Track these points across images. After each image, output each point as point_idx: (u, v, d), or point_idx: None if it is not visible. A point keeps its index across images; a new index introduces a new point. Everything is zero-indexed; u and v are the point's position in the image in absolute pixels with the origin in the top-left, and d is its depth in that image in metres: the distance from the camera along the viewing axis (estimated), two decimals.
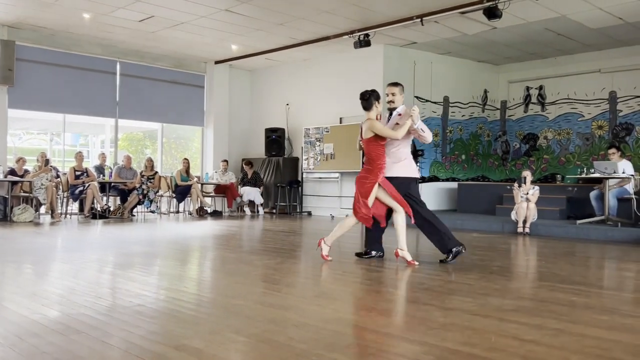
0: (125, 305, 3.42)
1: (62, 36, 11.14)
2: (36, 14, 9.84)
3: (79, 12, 9.67)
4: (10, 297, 3.60)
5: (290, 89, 13.25)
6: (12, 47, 10.52)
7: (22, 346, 2.53)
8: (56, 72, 11.33)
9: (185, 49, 12.09)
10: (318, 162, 12.21)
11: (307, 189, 12.78)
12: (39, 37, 10.94)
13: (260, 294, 3.81)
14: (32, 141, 19.20)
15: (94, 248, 6.47)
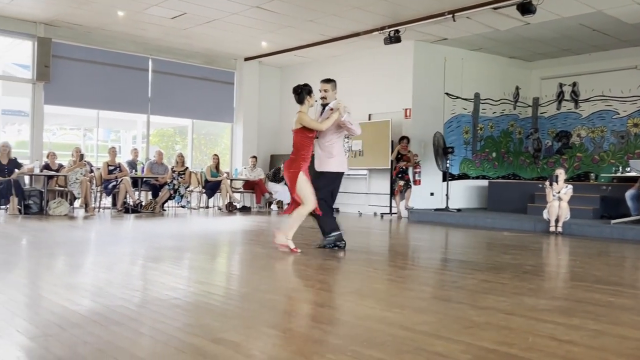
0: (161, 298, 3.47)
1: (97, 33, 11.33)
2: (72, 12, 10.02)
3: (114, 10, 9.83)
4: (51, 289, 3.69)
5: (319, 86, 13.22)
6: (48, 45, 10.75)
7: (64, 336, 2.59)
8: (91, 69, 11.54)
9: (216, 45, 12.19)
10: (347, 158, 12.17)
11: None
12: (74, 34, 11.15)
13: (293, 290, 3.83)
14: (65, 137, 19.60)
15: (127, 242, 6.58)
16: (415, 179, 11.09)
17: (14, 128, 18.13)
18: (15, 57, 12.93)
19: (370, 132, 11.67)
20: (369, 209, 11.88)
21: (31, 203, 9.68)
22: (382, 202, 11.62)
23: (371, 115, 12.10)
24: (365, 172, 12.07)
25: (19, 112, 14.99)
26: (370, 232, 8.61)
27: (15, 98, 13.81)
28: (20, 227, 7.82)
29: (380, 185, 11.78)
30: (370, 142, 11.63)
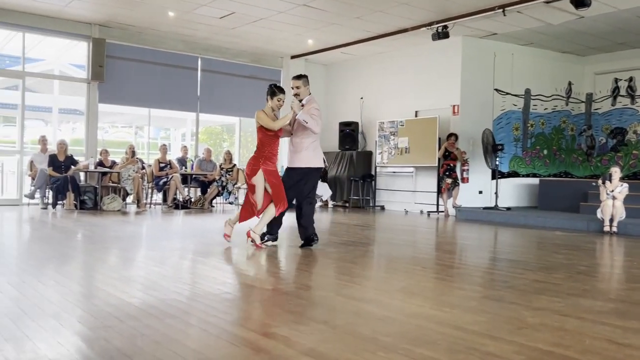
0: (213, 292, 3.54)
1: (148, 34, 11.62)
2: (125, 13, 10.31)
3: (164, 10, 10.05)
4: (107, 281, 3.82)
5: (364, 83, 13.21)
6: (102, 45, 11.09)
7: (122, 327, 2.68)
8: (142, 69, 11.84)
9: (263, 44, 12.31)
10: (392, 156, 12.12)
11: (381, 183, 12.72)
12: (127, 35, 11.47)
13: (341, 287, 3.84)
14: (117, 134, 20.21)
15: (177, 237, 6.73)
16: (463, 176, 10.91)
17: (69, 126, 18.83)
18: (71, 58, 13.42)
19: (416, 129, 11.56)
20: (415, 207, 11.77)
21: (86, 199, 10.02)
22: (429, 200, 11.49)
23: (418, 112, 11.98)
24: (411, 169, 11.96)
25: (74, 110, 15.57)
26: (417, 230, 8.53)
27: (71, 97, 14.35)
28: (76, 221, 8.11)
29: (427, 182, 11.66)
30: (417, 139, 11.52)
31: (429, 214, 11.11)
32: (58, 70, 13.52)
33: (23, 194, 10.56)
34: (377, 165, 12.57)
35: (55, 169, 9.86)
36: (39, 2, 9.73)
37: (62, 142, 10.21)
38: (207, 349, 2.40)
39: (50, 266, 4.48)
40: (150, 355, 2.29)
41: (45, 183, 9.86)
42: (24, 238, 6.59)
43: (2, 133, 18.75)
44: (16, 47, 11.29)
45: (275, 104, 5.71)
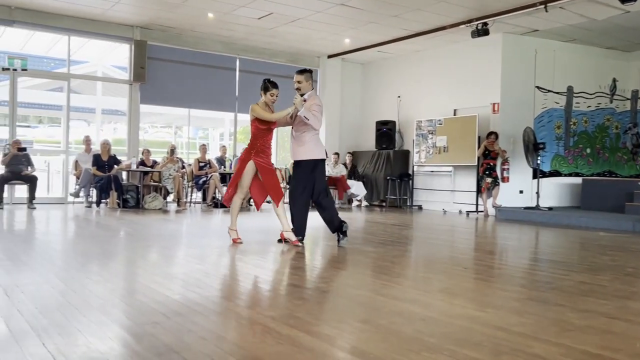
0: (255, 289, 3.59)
1: (188, 35, 11.82)
2: (165, 15, 10.51)
3: (204, 12, 10.20)
4: (153, 279, 3.90)
5: (401, 81, 13.13)
6: (144, 47, 11.33)
7: (168, 323, 2.74)
8: (182, 70, 12.05)
9: (300, 44, 12.36)
10: (430, 155, 12.01)
11: (418, 182, 12.62)
12: (167, 36, 11.68)
13: (382, 286, 3.83)
14: (157, 134, 20.63)
15: (217, 235, 6.82)
16: (503, 175, 10.73)
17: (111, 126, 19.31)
18: (114, 60, 13.75)
19: (455, 128, 11.43)
20: (454, 206, 11.64)
21: (129, 197, 10.26)
22: (468, 200, 11.35)
23: (456, 110, 11.85)
24: (450, 168, 11.84)
25: (116, 111, 15.96)
26: (456, 230, 8.44)
27: (113, 98, 14.70)
28: (119, 219, 8.31)
29: (465, 182, 11.51)
30: (455, 138, 11.39)
31: (468, 213, 10.97)
32: (101, 72, 13.87)
33: (68, 193, 10.89)
34: (415, 164, 12.48)
35: (99, 169, 10.13)
36: (83, 6, 10.01)
37: (106, 142, 10.48)
38: (253, 346, 2.43)
39: (95, 263, 4.61)
40: (198, 351, 2.34)
41: (90, 182, 10.14)
42: (70, 235, 6.79)
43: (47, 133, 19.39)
44: (61, 50, 11.64)
45: (268, 99, 5.85)
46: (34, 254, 4.97)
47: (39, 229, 7.16)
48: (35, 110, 16.62)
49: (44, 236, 6.44)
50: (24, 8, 10.18)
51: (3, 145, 10.76)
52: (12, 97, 10.51)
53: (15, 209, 9.42)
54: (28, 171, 9.78)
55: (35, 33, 11.66)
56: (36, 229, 7.14)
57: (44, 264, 4.40)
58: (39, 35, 11.88)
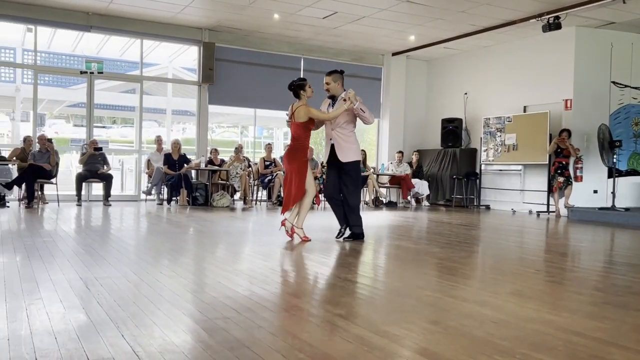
0: (321, 287, 3.61)
1: (254, 36, 12.04)
2: (233, 17, 10.74)
3: (270, 13, 10.36)
4: (222, 274, 4.00)
5: (468, 78, 12.86)
6: (212, 49, 11.63)
7: (239, 319, 2.80)
8: (248, 70, 12.28)
9: (364, 42, 12.33)
10: (499, 153, 11.69)
11: (486, 181, 12.31)
12: (234, 38, 11.94)
13: (450, 287, 3.77)
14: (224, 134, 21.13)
15: (283, 233, 6.91)
16: (576, 175, 10.31)
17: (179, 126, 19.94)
18: (183, 62, 14.19)
19: (525, 125, 11.08)
20: (524, 206, 11.28)
21: (198, 195, 10.56)
22: (539, 200, 10.97)
23: (526, 107, 11.48)
24: (519, 167, 11.48)
25: (185, 112, 16.45)
26: (526, 230, 8.18)
27: (182, 99, 15.18)
28: (189, 217, 8.57)
29: (536, 181, 11.14)
30: (525, 136, 11.04)
31: (539, 214, 10.60)
32: (171, 74, 14.34)
33: (141, 191, 11.34)
34: (482, 162, 12.18)
35: (170, 167, 10.48)
36: (155, 10, 10.39)
37: (177, 142, 10.83)
38: (322, 344, 2.45)
39: (167, 258, 4.78)
40: (268, 347, 2.38)
41: (161, 180, 10.51)
42: (143, 231, 7.06)
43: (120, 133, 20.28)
44: (134, 53, 12.13)
45: (309, 92, 6.00)
46: (110, 248, 5.21)
47: (114, 225, 7.49)
48: (110, 111, 17.40)
49: (119, 232, 6.74)
50: (100, 14, 10.67)
51: (81, 145, 11.34)
52: (90, 99, 11.04)
53: (91, 206, 9.89)
54: (104, 170, 10.24)
55: (110, 37, 12.22)
56: (112, 225, 7.47)
57: (120, 258, 4.60)
58: (113, 40, 12.43)
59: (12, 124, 15.13)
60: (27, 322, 2.66)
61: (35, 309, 2.89)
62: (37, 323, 2.64)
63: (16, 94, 13.74)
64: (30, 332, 2.50)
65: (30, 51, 11.16)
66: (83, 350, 2.29)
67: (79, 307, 2.98)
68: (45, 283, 3.52)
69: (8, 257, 4.45)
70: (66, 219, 7.82)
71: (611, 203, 9.85)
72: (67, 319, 2.73)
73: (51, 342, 2.38)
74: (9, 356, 2.20)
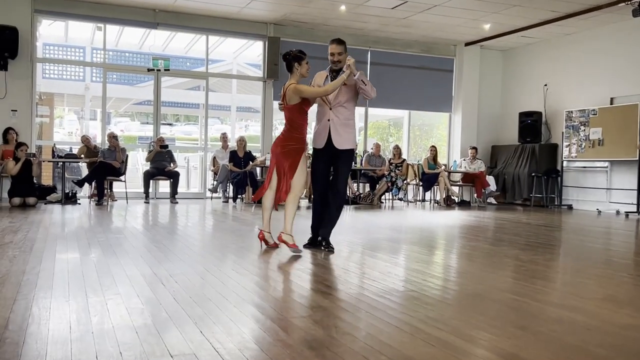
0: (398, 289, 3.60)
1: (320, 29, 12.10)
2: (298, 10, 10.85)
3: (336, 5, 10.39)
4: (293, 272, 4.05)
5: (548, 68, 12.43)
6: (277, 44, 11.78)
7: (315, 318, 2.83)
8: (314, 65, 12.26)
9: (435, 32, 12.16)
10: (582, 149, 11.25)
11: (568, 179, 11.87)
12: (299, 32, 12.05)
13: (535, 291, 3.67)
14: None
15: (351, 232, 6.92)
16: None
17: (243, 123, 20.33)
18: (248, 58, 14.48)
19: (612, 118, 10.62)
20: (610, 206, 10.80)
21: None
22: (627, 199, 10.47)
23: (613, 99, 10.98)
24: (606, 164, 11.00)
25: (249, 108, 16.77)
26: (614, 232, 7.85)
27: (247, 95, 15.46)
28: (255, 214, 8.72)
29: (624, 179, 10.64)
30: (612, 130, 10.57)
31: (628, 214, 10.13)
32: (236, 70, 14.66)
33: (207, 188, 11.65)
34: (564, 159, 11.75)
35: (235, 165, 10.72)
36: (221, 5, 10.63)
37: (242, 139, 11.05)
38: (404, 347, 2.44)
39: (237, 255, 4.88)
40: (348, 347, 2.40)
41: (227, 178, 10.76)
42: (210, 229, 7.26)
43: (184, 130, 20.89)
44: (199, 50, 12.47)
45: (304, 69, 5.01)
46: (180, 245, 5.38)
47: (181, 222, 7.73)
48: (175, 108, 17.98)
49: (188, 229, 6.95)
50: (166, 11, 11.04)
51: (148, 143, 11.78)
52: (157, 96, 11.45)
53: (159, 203, 10.26)
54: (171, 167, 10.60)
55: (176, 34, 12.62)
56: (179, 222, 7.72)
57: (192, 255, 4.75)
58: (179, 36, 12.84)
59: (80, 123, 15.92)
60: (109, 316, 2.80)
61: (115, 304, 3.03)
62: (118, 318, 2.78)
63: (85, 92, 14.44)
64: (112, 326, 2.63)
65: (99, 49, 11.69)
66: (164, 345, 2.39)
67: (156, 302, 3.10)
68: (122, 278, 3.69)
69: (84, 253, 4.69)
70: (135, 216, 8.14)
71: None
72: (146, 315, 2.85)
73: (133, 336, 2.49)
74: (95, 349, 2.32)
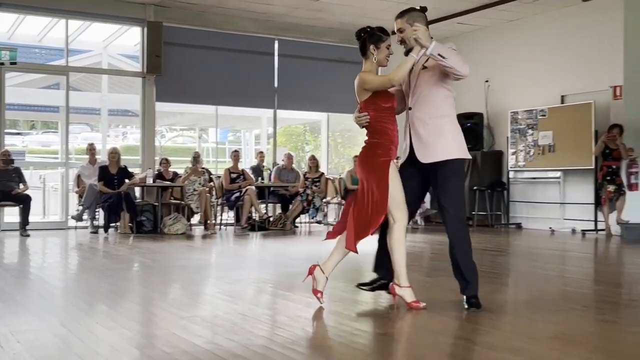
0: (308, 337, 3.60)
1: (213, 13, 12.03)
2: None
3: None
4: (177, 323, 3.97)
5: (490, 61, 12.95)
6: (159, 30, 11.58)
7: None
8: (207, 57, 12.26)
9: (355, 18, 12.38)
10: (531, 157, 11.79)
11: (516, 193, 12.39)
12: (187, 15, 11.93)
13: (476, 332, 3.77)
14: (177, 139, 21.10)
15: (255, 266, 6.90)
16: (630, 182, 10.43)
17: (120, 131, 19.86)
18: (122, 48, 14.15)
19: (564, 120, 11.20)
20: (565, 224, 11.36)
21: (144, 220, 10.46)
22: (584, 215, 11.06)
23: (565, 97, 11.60)
24: (558, 174, 11.57)
25: (125, 111, 16.38)
26: (568, 255, 8.25)
27: (122, 95, 15.08)
28: (133, 248, 8.50)
29: (580, 191, 11.23)
30: (563, 133, 11.15)
31: (584, 233, 10.69)
32: (106, 63, 14.29)
33: (69, 216, 11.23)
34: (510, 169, 12.27)
35: (106, 184, 10.38)
36: None
37: (114, 151, 10.72)
38: None
39: (106, 303, 4.73)
40: None
41: (95, 201, 10.41)
42: (73, 269, 6.99)
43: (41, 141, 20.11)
44: (57, 38, 12.09)
45: (383, 55, 4.56)
46: (30, 293, 5.14)
47: (34, 262, 7.40)
48: (28, 113, 17.30)
49: (42, 271, 6.65)
50: None
51: None
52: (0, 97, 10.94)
53: (5, 237, 9.77)
54: (20, 189, 10.14)
55: (25, 18, 12.16)
56: (31, 262, 7.38)
57: (44, 306, 4.54)
58: (29, 21, 12.37)
59: None
60: None
61: None
62: None
63: None
64: None
65: None
66: None
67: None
68: None
69: None
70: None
71: None
72: None
73: None
74: None
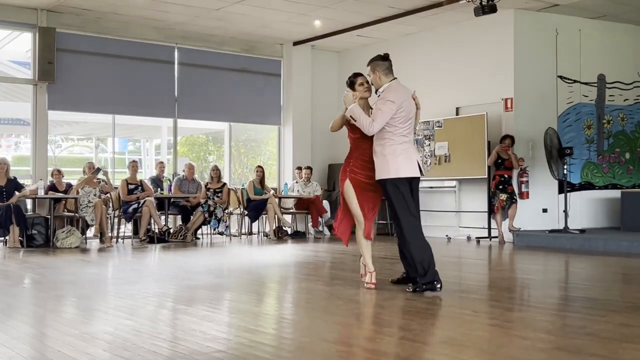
0: (202, 350, 3.55)
1: (109, 19, 11.76)
2: None
3: None
4: (67, 340, 3.84)
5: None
6: (52, 36, 11.23)
7: None
8: (103, 65, 11.97)
9: (256, 28, 12.41)
10: (428, 167, 12.11)
11: None
12: (82, 22, 11.61)
13: (370, 340, 3.83)
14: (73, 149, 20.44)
15: (153, 279, 6.76)
16: (521, 190, 10.88)
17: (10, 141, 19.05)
18: (12, 54, 13.60)
19: (459, 131, 11.55)
20: (461, 231, 11.73)
21: (35, 233, 10.12)
22: (478, 223, 11.45)
23: (459, 108, 12.00)
24: (453, 183, 11.94)
25: (16, 120, 15.74)
26: (463, 262, 8.50)
27: (12, 103, 14.48)
28: (23, 263, 8.18)
29: (474, 200, 11.62)
30: (459, 144, 11.51)
31: (479, 240, 11.06)
32: None
33: None
34: None
35: None
36: None
37: (3, 162, 10.32)
38: None
39: None
40: None
41: None
42: None
43: None
44: None
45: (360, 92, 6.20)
46: None
47: None
48: None
49: None
50: None
51: None
52: None
53: None
54: None
55: None
56: None
57: None
58: None
59: None
60: None
61: None
62: None
63: None
64: None
65: None
66: None
67: None
68: None
69: None
70: None
71: (563, 224, 10.45)
72: None
73: None
74: None
